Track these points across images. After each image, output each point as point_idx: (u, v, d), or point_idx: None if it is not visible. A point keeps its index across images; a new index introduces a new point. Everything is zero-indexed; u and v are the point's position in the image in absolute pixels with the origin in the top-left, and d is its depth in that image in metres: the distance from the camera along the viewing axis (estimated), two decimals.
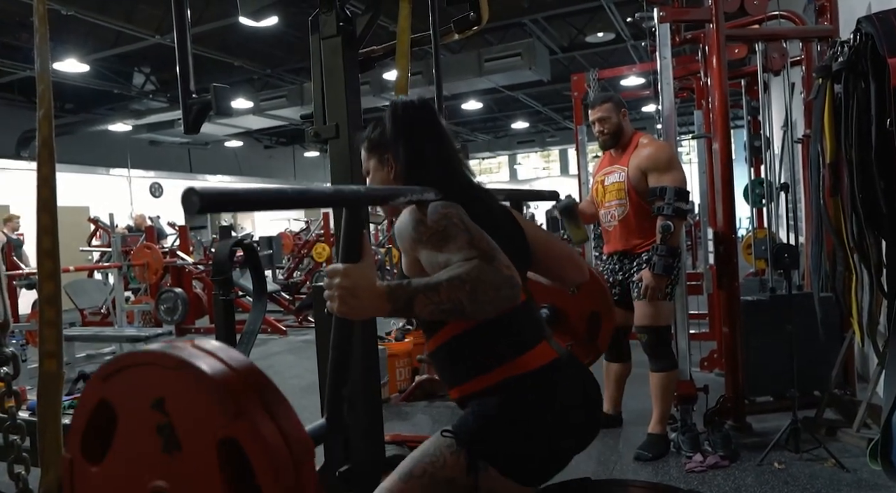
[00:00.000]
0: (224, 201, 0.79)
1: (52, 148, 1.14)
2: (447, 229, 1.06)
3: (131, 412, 0.76)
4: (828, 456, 2.50)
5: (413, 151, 1.22)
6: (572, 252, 1.47)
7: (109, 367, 0.78)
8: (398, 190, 1.16)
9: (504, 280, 0.98)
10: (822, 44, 3.10)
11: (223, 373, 0.70)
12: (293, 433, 0.70)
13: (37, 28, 1.16)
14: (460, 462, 1.11)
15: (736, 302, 2.96)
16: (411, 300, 0.95)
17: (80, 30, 7.90)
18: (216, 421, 0.69)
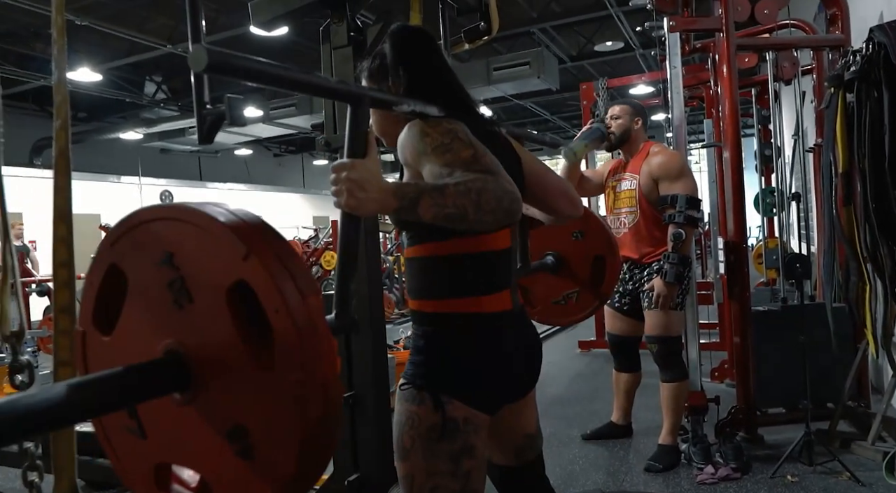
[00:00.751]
0: (230, 65, 0.80)
1: (68, 158, 1.15)
2: (452, 143, 1.06)
3: (140, 273, 0.74)
4: (842, 469, 2.46)
5: (414, 73, 1.22)
6: (568, 186, 1.46)
7: (116, 230, 0.76)
8: (402, 98, 1.16)
9: (507, 192, 0.99)
10: (834, 53, 3.09)
11: (230, 218, 0.69)
12: (302, 276, 0.68)
13: (55, 40, 1.17)
14: (427, 406, 1.15)
15: (747, 312, 2.93)
16: (417, 199, 0.95)
17: (93, 39, 8.00)
18: (226, 266, 0.67)
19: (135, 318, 0.76)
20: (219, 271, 0.68)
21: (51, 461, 1.10)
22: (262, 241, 0.68)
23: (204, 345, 0.71)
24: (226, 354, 0.70)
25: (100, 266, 0.78)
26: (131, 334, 0.77)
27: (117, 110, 11.63)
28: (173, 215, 0.71)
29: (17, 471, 2.67)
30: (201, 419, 0.73)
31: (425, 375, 1.17)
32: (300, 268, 0.69)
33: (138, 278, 0.75)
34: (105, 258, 0.78)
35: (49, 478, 1.11)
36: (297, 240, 10.66)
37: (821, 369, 2.77)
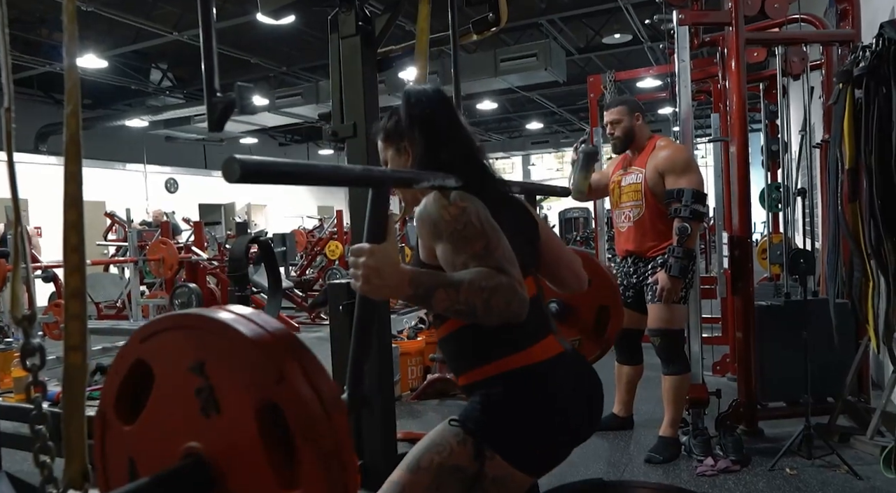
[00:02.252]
0: (262, 172, 0.81)
1: (79, 144, 1.16)
2: (466, 229, 1.08)
3: (169, 374, 0.76)
4: (840, 463, 2.48)
5: (430, 136, 1.23)
6: (577, 262, 1.48)
7: (148, 329, 0.79)
8: (421, 174, 1.17)
9: (516, 296, 1.02)
10: (843, 48, 3.07)
11: (265, 338, 0.70)
12: (332, 399, 0.70)
13: (66, 26, 1.18)
14: (467, 450, 1.13)
15: (750, 307, 2.94)
16: (431, 292, 0.98)
17: (99, 26, 7.99)
18: (258, 385, 0.69)
19: (159, 415, 0.78)
20: (250, 388, 0.70)
21: (62, 443, 1.11)
22: (295, 364, 0.70)
23: (228, 456, 0.72)
24: (250, 468, 0.71)
25: (127, 358, 0.80)
26: (153, 430, 0.78)
27: (123, 98, 11.63)
28: (209, 328, 0.73)
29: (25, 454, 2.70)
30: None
31: (479, 423, 1.14)
32: (327, 386, 0.70)
33: (166, 378, 0.77)
34: (133, 352, 0.80)
35: (59, 461, 1.13)
36: (302, 230, 10.68)
37: (822, 365, 2.77)
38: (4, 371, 3.58)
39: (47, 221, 9.99)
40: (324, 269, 8.77)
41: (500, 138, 18.82)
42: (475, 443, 1.13)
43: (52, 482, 1.14)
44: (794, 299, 3.02)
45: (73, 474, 1.14)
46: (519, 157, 21.15)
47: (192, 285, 6.72)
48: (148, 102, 11.88)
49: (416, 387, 3.98)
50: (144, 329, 0.79)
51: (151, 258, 6.73)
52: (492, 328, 1.16)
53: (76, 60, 1.22)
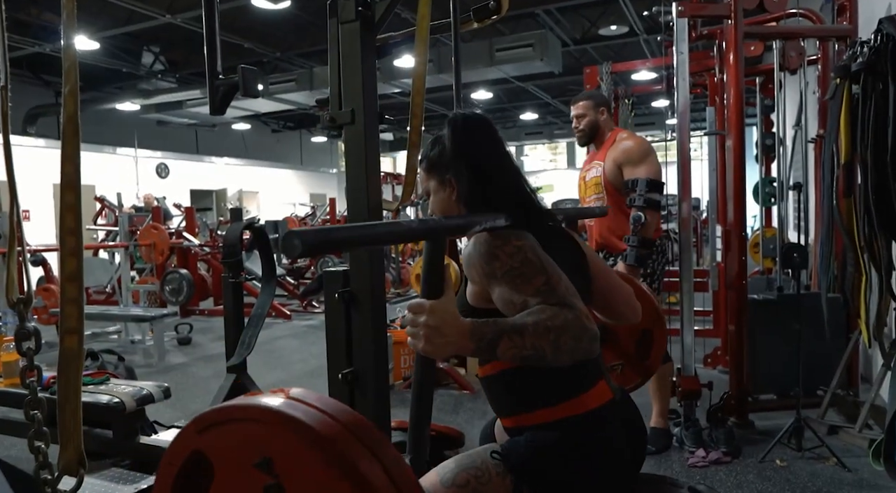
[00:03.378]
0: (324, 243, 0.79)
1: (76, 124, 1.14)
2: (523, 268, 1.03)
3: (232, 469, 0.72)
4: (830, 455, 2.51)
5: (476, 170, 1.17)
6: (630, 291, 1.42)
7: (206, 418, 0.74)
8: (473, 219, 1.11)
9: (585, 331, 0.96)
10: (840, 43, 3.07)
11: (337, 432, 0.67)
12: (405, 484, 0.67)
13: (64, 4, 1.16)
14: (505, 485, 1.10)
15: (744, 300, 2.96)
16: (496, 342, 0.92)
17: (91, 7, 7.87)
18: (332, 485, 0.65)
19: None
20: (323, 487, 0.66)
21: (56, 429, 1.10)
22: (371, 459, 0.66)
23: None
24: None
25: (182, 448, 0.76)
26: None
27: (114, 81, 11.48)
28: (280, 423, 0.68)
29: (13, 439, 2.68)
30: None
31: (522, 463, 1.11)
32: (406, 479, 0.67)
33: (229, 472, 0.72)
34: (190, 443, 0.75)
35: (54, 447, 1.12)
36: (295, 217, 10.64)
37: (812, 358, 2.80)
38: None
39: (35, 204, 9.89)
40: (317, 257, 8.74)
41: None
42: (515, 480, 1.10)
43: (46, 467, 1.14)
44: (786, 292, 3.04)
45: (69, 459, 1.13)
46: (513, 147, 21.14)
47: (182, 271, 6.69)
48: (139, 86, 11.73)
49: (409, 376, 3.99)
50: (203, 419, 0.74)
51: (142, 243, 6.68)
52: (543, 374, 1.12)
53: (74, 39, 1.20)
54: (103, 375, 2.62)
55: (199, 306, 7.02)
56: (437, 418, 3.45)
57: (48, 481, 1.14)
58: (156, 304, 6.70)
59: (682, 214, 2.98)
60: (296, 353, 5.21)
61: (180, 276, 6.61)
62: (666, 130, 8.82)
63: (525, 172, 6.88)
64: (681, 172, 2.99)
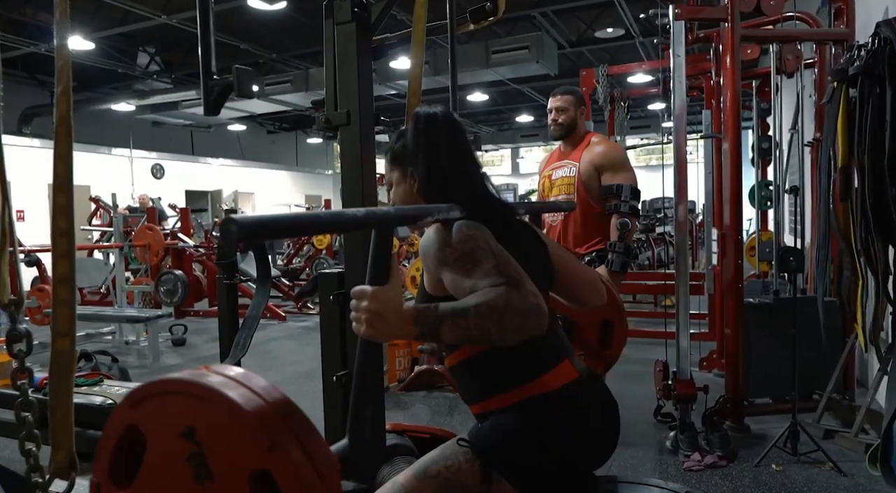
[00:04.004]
0: (261, 230, 0.79)
1: (70, 125, 1.13)
2: (473, 253, 1.05)
3: (161, 440, 0.75)
4: (825, 460, 2.51)
5: (434, 166, 1.22)
6: (594, 276, 1.45)
7: (137, 394, 0.78)
8: (426, 209, 1.15)
9: (531, 308, 0.97)
10: (837, 47, 3.08)
11: (256, 405, 0.70)
12: (325, 464, 0.70)
13: (57, 3, 1.14)
14: (475, 471, 1.12)
15: (740, 304, 2.96)
16: (438, 326, 0.95)
17: (87, 7, 7.84)
18: (249, 453, 0.69)
19: (152, 482, 0.77)
20: (242, 455, 0.69)
21: (48, 432, 1.09)
22: (287, 431, 0.69)
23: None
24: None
25: (118, 424, 0.79)
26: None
27: (109, 81, 11.43)
28: (199, 394, 0.72)
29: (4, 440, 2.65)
30: None
31: (489, 447, 1.13)
32: (321, 452, 0.70)
33: (158, 444, 0.76)
34: (125, 418, 0.79)
35: (45, 449, 1.11)
36: None
37: (808, 362, 2.80)
38: None
39: (29, 205, 9.83)
40: (311, 258, 8.72)
41: (490, 130, 18.80)
42: (482, 465, 1.12)
43: (37, 470, 1.12)
44: (782, 296, 3.04)
45: (60, 462, 1.12)
46: (508, 149, 21.15)
47: (177, 272, 6.66)
48: (135, 86, 11.69)
49: (404, 378, 3.98)
50: (134, 394, 0.78)
51: (137, 244, 6.65)
52: (504, 357, 1.14)
53: (68, 40, 1.18)
54: (97, 376, 2.60)
55: (194, 307, 6.99)
56: (433, 420, 3.44)
57: (39, 484, 1.12)
58: (150, 305, 6.66)
59: (678, 217, 2.98)
60: (291, 354, 5.19)
61: (175, 277, 6.58)
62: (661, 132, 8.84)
63: (520, 174, 6.90)
64: (677, 175, 2.99)
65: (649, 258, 8.25)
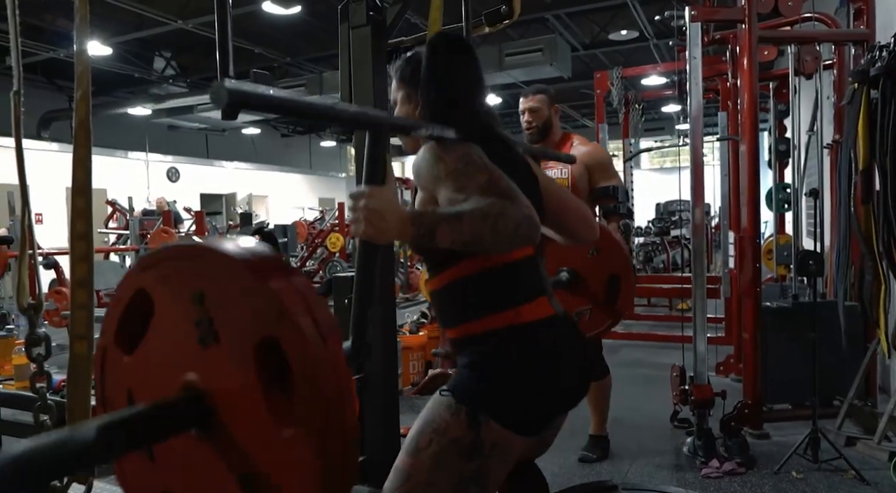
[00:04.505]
0: (251, 101, 0.78)
1: (89, 130, 1.14)
2: (467, 168, 1.06)
3: (169, 304, 0.75)
4: (847, 467, 2.46)
5: (440, 94, 1.21)
6: (586, 210, 1.46)
7: (150, 258, 0.77)
8: (419, 122, 1.16)
9: (525, 218, 0.99)
10: (857, 48, 3.04)
11: (267, 272, 0.68)
12: (333, 339, 0.68)
13: (77, 8, 1.15)
14: (461, 420, 1.12)
15: (758, 308, 2.92)
16: (434, 228, 0.96)
17: (104, 13, 7.93)
18: (258, 320, 0.68)
19: (158, 345, 0.77)
20: (250, 322, 0.68)
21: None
22: (296, 299, 0.68)
23: (226, 388, 0.71)
24: (246, 401, 0.70)
25: (128, 288, 0.79)
26: (153, 360, 0.77)
27: (126, 85, 11.57)
28: (211, 258, 0.71)
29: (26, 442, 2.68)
30: (213, 458, 0.73)
31: (469, 390, 1.14)
32: (329, 326, 0.69)
33: (167, 308, 0.75)
34: (134, 281, 0.78)
35: None
36: (303, 221, 10.66)
37: (828, 367, 2.75)
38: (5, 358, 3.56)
39: (48, 208, 9.96)
40: (324, 261, 8.74)
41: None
42: (468, 411, 1.12)
43: None
44: (802, 300, 2.99)
45: None
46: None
47: None
48: (151, 91, 11.82)
49: (418, 382, 3.96)
50: (146, 259, 0.78)
51: (153, 247, 6.71)
52: (486, 284, 1.17)
53: (87, 45, 1.19)
54: None
55: None
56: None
57: (57, 488, 1.13)
58: None
59: (695, 221, 2.95)
60: None
61: None
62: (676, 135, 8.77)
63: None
64: (693, 177, 2.96)
65: (664, 262, 8.18)
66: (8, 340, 4.00)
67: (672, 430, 3.07)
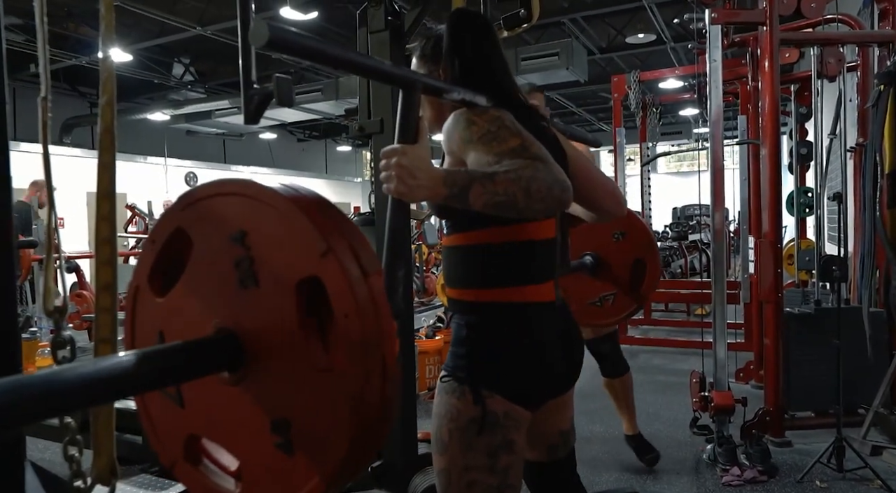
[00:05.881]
0: (290, 42, 0.81)
1: (113, 135, 1.15)
2: (499, 131, 1.05)
3: (208, 243, 0.73)
4: (873, 477, 2.41)
5: (467, 64, 1.21)
6: (613, 185, 1.44)
7: (192, 195, 0.75)
8: (452, 86, 1.16)
9: (557, 181, 0.98)
10: (882, 49, 2.99)
11: (314, 208, 0.67)
12: (377, 281, 0.66)
13: (102, 16, 1.16)
14: (467, 399, 1.13)
15: (779, 313, 2.87)
16: (468, 187, 0.94)
17: (125, 20, 8.06)
18: (301, 258, 0.66)
19: (193, 287, 0.74)
20: (293, 261, 0.67)
21: (90, 436, 1.10)
22: (341, 237, 0.66)
23: (262, 330, 0.69)
24: (284, 345, 0.68)
25: (166, 226, 0.76)
26: (186, 301, 0.75)
27: (145, 91, 11.73)
28: (255, 195, 0.69)
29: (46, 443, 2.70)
30: (245, 403, 0.71)
31: (466, 367, 1.15)
32: (374, 267, 0.66)
33: (205, 247, 0.73)
34: (173, 220, 0.76)
35: (87, 453, 1.12)
36: None
37: (853, 375, 2.70)
38: (29, 360, 3.61)
39: (70, 212, 10.12)
40: None
41: None
42: (471, 389, 1.13)
43: (80, 476, 1.13)
44: (824, 306, 2.94)
45: (101, 469, 1.13)
46: None
47: None
48: (170, 96, 11.97)
49: (434, 386, 3.96)
50: (187, 196, 0.75)
51: None
52: (500, 256, 1.17)
53: (112, 51, 1.20)
54: None
55: None
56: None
57: (81, 489, 1.13)
58: None
59: (715, 225, 2.91)
60: None
61: None
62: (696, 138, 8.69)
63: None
64: (714, 181, 2.93)
65: (681, 266, 8.10)
66: (32, 342, 4.06)
67: (691, 437, 3.03)
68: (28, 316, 4.95)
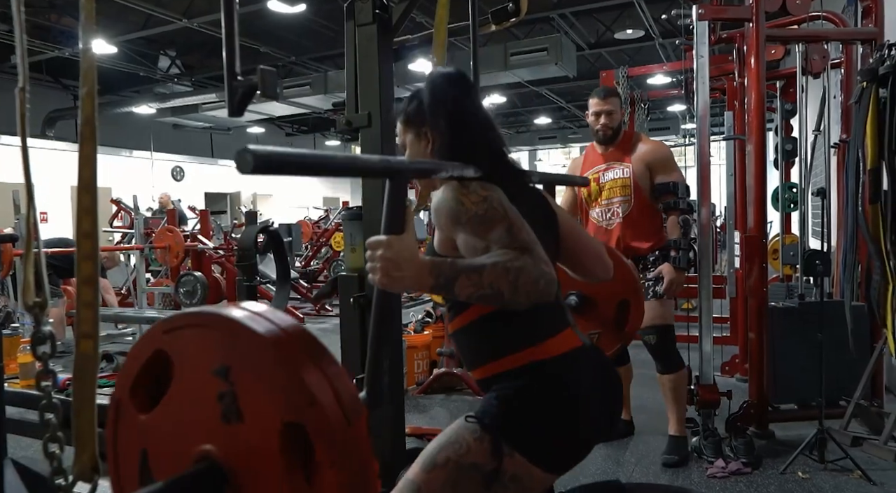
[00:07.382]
0: (275, 164, 0.79)
1: (94, 127, 1.13)
2: (487, 214, 1.06)
3: (190, 372, 0.73)
4: (854, 468, 2.45)
5: (452, 124, 1.20)
6: (601, 249, 1.44)
7: (175, 321, 0.76)
8: (440, 164, 1.15)
9: (542, 274, 0.98)
10: (865, 46, 3.02)
11: (300, 357, 0.67)
12: (360, 427, 0.68)
13: (83, 5, 1.14)
14: (484, 447, 1.10)
15: (764, 307, 2.90)
16: (453, 280, 0.95)
17: (109, 11, 7.95)
18: (288, 404, 0.67)
19: (176, 411, 0.75)
20: (278, 405, 0.67)
21: (72, 433, 1.09)
22: (325, 382, 0.67)
23: (245, 466, 0.70)
24: (267, 482, 0.69)
25: (148, 346, 0.77)
26: (169, 425, 0.76)
27: (131, 84, 11.60)
28: (241, 334, 0.70)
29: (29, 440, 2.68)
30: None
31: (496, 418, 1.12)
32: (353, 404, 0.68)
33: (188, 375, 0.74)
34: (156, 341, 0.76)
35: (69, 450, 1.11)
36: (308, 220, 10.66)
37: (835, 368, 2.74)
38: (10, 356, 3.57)
39: (53, 206, 10.00)
40: (329, 260, 8.75)
41: (508, 133, 18.78)
42: (493, 440, 1.10)
43: (61, 473, 1.12)
44: (808, 300, 2.97)
45: (83, 465, 1.12)
46: (526, 152, 21.08)
47: (197, 274, 6.70)
48: (156, 89, 11.86)
49: (423, 381, 3.96)
50: (171, 321, 0.76)
51: (158, 246, 6.72)
52: (507, 322, 1.15)
53: (92, 41, 1.18)
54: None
55: None
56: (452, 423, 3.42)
57: (62, 487, 1.12)
58: (170, 306, 6.72)
59: (701, 220, 2.93)
60: None
61: (195, 278, 6.62)
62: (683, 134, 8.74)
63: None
64: (700, 177, 2.94)
65: None
66: (13, 338, 4.02)
67: None
68: (8, 312, 4.88)
